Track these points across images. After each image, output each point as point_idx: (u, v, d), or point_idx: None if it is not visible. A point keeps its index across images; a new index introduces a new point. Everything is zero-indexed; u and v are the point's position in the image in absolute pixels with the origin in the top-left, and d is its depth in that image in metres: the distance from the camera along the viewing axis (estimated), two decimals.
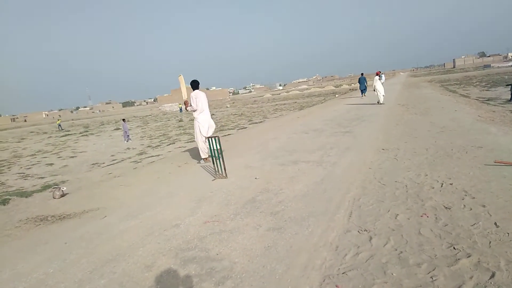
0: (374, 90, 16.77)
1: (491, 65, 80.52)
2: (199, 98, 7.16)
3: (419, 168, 5.08)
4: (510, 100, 13.52)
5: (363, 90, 24.11)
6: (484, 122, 8.40)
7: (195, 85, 7.38)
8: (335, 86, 69.74)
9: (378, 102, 16.57)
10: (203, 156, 7.38)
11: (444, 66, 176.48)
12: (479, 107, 12.27)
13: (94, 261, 3.34)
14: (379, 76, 16.88)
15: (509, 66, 66.11)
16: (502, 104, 12.89)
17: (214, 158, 5.88)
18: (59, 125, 35.65)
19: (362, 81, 24.15)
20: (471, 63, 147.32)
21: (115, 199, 5.55)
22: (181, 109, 48.71)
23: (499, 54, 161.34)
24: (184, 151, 10.12)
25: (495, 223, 3.09)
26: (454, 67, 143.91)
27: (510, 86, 13.97)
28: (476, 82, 28.95)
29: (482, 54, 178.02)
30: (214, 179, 5.86)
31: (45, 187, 7.52)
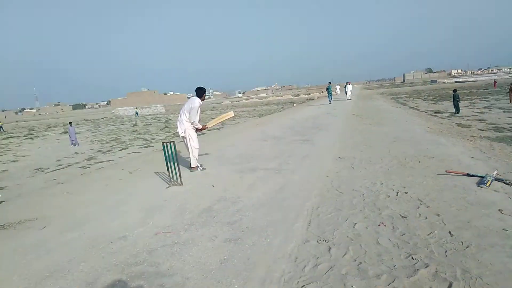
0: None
1: (437, 80, 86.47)
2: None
3: (375, 177, 5.14)
4: (455, 113, 14.45)
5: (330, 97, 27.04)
6: (433, 133, 8.81)
7: (200, 92, 6.52)
8: (293, 96, 71.11)
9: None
10: (196, 165, 6.62)
11: (395, 80, 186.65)
12: (428, 119, 12.94)
13: (28, 278, 2.95)
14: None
15: (452, 82, 71.22)
16: (448, 117, 13.72)
17: (169, 164, 5.58)
18: (1, 127, 32.98)
19: (330, 89, 27.01)
20: (419, 78, 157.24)
21: (58, 207, 5.06)
22: (137, 113, 47.11)
23: (444, 71, 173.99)
24: (137, 157, 9.63)
25: (450, 232, 3.13)
26: (404, 81, 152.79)
27: (453, 100, 14.93)
28: (424, 95, 30.80)
29: (429, 70, 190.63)
30: (168, 187, 5.55)
31: None
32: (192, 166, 6.53)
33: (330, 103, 26.03)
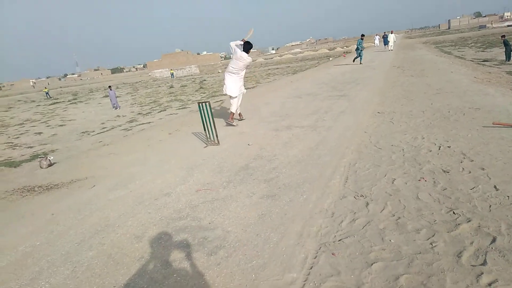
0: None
1: (487, 25, 79.08)
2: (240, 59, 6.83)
3: (416, 131, 4.96)
4: (506, 61, 13.30)
5: (358, 56, 19.40)
6: (480, 84, 8.23)
7: (247, 47, 6.84)
8: (329, 49, 68.39)
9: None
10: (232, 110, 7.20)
11: (439, 28, 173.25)
12: (475, 68, 12.03)
13: (82, 233, 3.23)
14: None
15: (504, 26, 64.96)
16: (497, 65, 12.67)
17: (205, 124, 5.69)
18: (47, 93, 34.67)
19: (360, 45, 19.01)
20: (466, 23, 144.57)
21: (105, 168, 5.39)
22: (172, 75, 47.56)
23: (495, 14, 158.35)
24: (175, 118, 9.88)
25: (495, 186, 3.01)
26: (449, 28, 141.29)
27: (504, 46, 13.67)
28: (471, 43, 28.44)
29: (478, 15, 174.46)
30: (206, 146, 5.70)
31: (34, 157, 7.31)
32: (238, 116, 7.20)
33: (360, 62, 18.99)
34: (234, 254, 2.55)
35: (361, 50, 19.00)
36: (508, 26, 57.97)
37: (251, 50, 6.91)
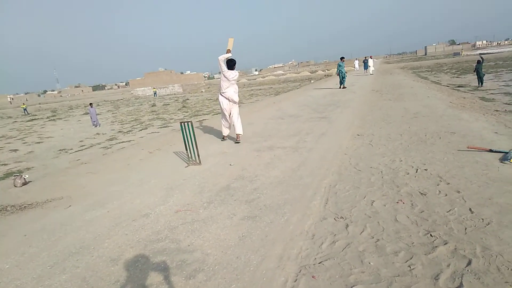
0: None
1: (460, 53, 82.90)
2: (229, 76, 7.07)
3: (394, 154, 5.08)
4: (478, 86, 13.92)
5: (341, 80, 18.62)
6: (455, 109, 8.55)
7: (230, 64, 7.12)
8: (310, 72, 69.86)
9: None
10: (224, 134, 7.51)
11: (416, 53, 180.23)
12: (450, 93, 12.52)
13: (56, 255, 3.11)
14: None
15: (476, 54, 68.19)
16: (471, 91, 13.22)
17: (187, 144, 5.66)
18: (25, 109, 33.87)
19: (342, 67, 18.45)
20: (442, 50, 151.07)
21: (82, 187, 5.25)
22: (155, 93, 47.39)
23: (468, 43, 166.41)
24: (156, 137, 9.79)
25: (470, 209, 3.09)
26: (425, 54, 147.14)
27: (476, 73, 14.33)
28: (446, 69, 29.68)
29: (453, 42, 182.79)
30: (187, 166, 5.65)
31: (8, 175, 7.07)
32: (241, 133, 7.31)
33: (343, 86, 18.30)
34: (213, 277, 2.50)
35: (344, 73, 18.41)
36: (480, 54, 60.86)
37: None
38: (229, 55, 6.99)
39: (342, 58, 18.93)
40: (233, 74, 7.10)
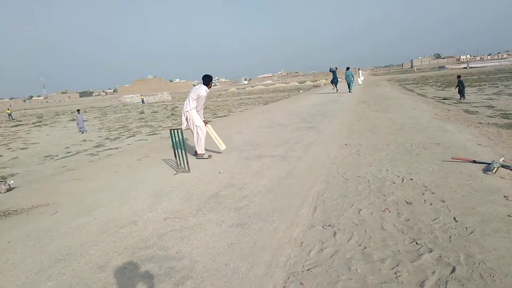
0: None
1: (446, 66, 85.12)
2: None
3: (381, 164, 5.16)
4: (460, 99, 14.34)
5: (348, 85, 23.07)
6: (440, 120, 8.76)
7: (206, 80, 6.46)
8: (299, 82, 70.59)
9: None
10: (202, 152, 6.61)
11: (403, 66, 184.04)
12: (435, 105, 12.82)
13: (41, 262, 3.06)
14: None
15: (461, 68, 70.07)
16: (455, 103, 13.58)
17: (176, 151, 5.65)
18: (9, 114, 33.25)
19: (347, 74, 23.09)
20: (427, 63, 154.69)
21: (68, 194, 5.18)
22: (143, 101, 47.12)
23: (453, 56, 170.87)
24: (145, 144, 9.73)
25: (454, 218, 3.16)
26: (411, 67, 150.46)
27: (457, 87, 14.86)
28: (432, 82, 30.39)
29: (438, 56, 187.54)
30: (176, 173, 5.63)
31: None
32: (199, 153, 6.57)
33: (336, 89, 23.84)
34: (202, 284, 2.49)
35: (351, 80, 22.61)
36: (464, 68, 62.53)
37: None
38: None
39: (347, 68, 23.49)
40: (197, 90, 6.43)
